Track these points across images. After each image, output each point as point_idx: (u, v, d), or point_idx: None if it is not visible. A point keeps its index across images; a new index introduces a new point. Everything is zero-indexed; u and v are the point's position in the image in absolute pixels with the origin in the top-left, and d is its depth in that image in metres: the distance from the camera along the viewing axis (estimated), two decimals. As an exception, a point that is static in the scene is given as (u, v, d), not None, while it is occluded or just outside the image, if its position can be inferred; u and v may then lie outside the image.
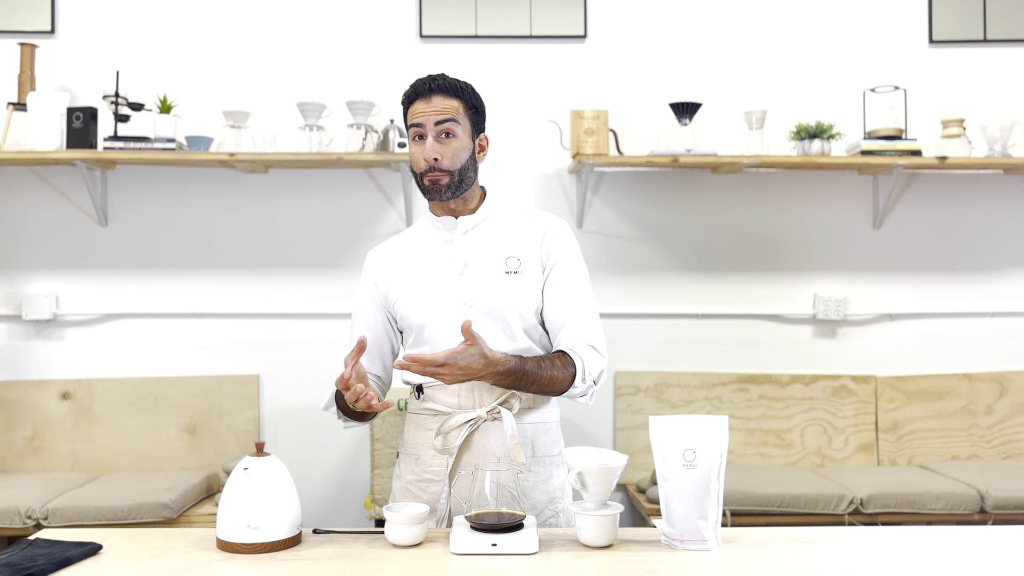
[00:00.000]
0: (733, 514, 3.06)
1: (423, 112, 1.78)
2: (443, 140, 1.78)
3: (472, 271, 1.80)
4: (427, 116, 1.78)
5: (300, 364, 3.54)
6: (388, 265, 1.89)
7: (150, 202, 3.54)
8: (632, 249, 3.61)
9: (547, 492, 1.82)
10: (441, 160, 1.76)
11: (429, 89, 1.79)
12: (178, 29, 3.55)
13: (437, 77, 1.82)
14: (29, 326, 3.51)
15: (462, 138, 1.79)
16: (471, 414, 1.77)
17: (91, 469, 3.45)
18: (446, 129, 1.77)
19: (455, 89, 1.80)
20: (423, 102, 1.79)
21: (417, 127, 1.79)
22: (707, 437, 1.57)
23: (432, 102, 1.78)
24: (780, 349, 3.62)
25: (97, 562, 1.49)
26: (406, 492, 1.84)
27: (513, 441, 1.73)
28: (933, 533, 1.67)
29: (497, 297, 1.78)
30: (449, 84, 1.81)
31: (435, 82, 1.80)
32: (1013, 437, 3.60)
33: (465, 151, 1.80)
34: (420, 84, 1.81)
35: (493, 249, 1.82)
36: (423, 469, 1.82)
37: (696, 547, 1.55)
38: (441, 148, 1.77)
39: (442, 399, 1.81)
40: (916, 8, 3.64)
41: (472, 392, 1.79)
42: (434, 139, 1.77)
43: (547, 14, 3.57)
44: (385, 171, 3.56)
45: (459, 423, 1.77)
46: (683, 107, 3.35)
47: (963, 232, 3.67)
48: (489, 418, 1.77)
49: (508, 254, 1.82)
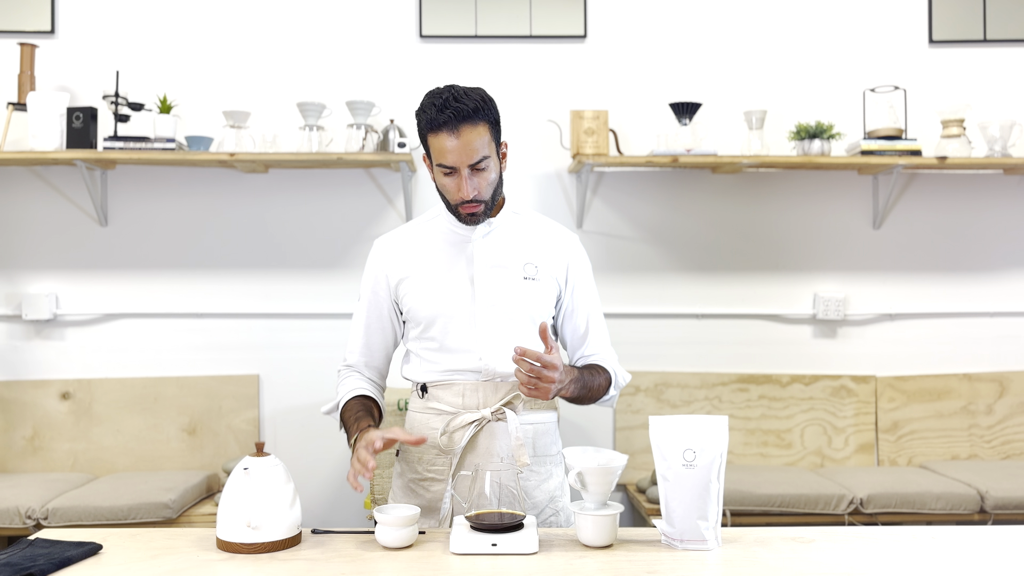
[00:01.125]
0: (733, 514, 3.06)
1: (454, 152, 1.68)
2: (478, 173, 1.72)
3: (491, 273, 1.81)
4: (461, 159, 1.68)
5: (300, 364, 3.54)
6: (398, 255, 1.86)
7: (150, 202, 3.54)
8: (632, 249, 3.61)
9: (548, 491, 1.84)
10: (479, 193, 1.74)
11: (456, 120, 1.67)
12: (178, 29, 3.55)
13: (455, 103, 1.67)
14: (29, 326, 3.51)
15: (493, 164, 1.75)
16: (476, 415, 1.77)
17: (91, 469, 3.45)
18: (480, 167, 1.72)
19: (478, 111, 1.68)
20: (450, 136, 1.67)
21: (449, 168, 1.71)
22: (707, 437, 1.57)
23: (461, 136, 1.67)
24: (780, 349, 3.62)
25: (97, 562, 1.49)
26: (407, 491, 1.84)
27: (518, 442, 1.73)
28: (933, 533, 1.67)
29: (515, 301, 1.80)
30: (471, 107, 1.67)
31: (459, 112, 1.66)
32: (1013, 437, 3.60)
33: (496, 174, 1.76)
34: (442, 116, 1.67)
35: (512, 254, 1.83)
36: (425, 468, 1.82)
37: (696, 547, 1.55)
38: (478, 182, 1.72)
39: (446, 399, 1.81)
40: (916, 8, 3.64)
41: (477, 393, 1.79)
42: (469, 175, 1.71)
43: (547, 14, 3.57)
44: (385, 171, 3.56)
45: (464, 423, 1.77)
46: (683, 107, 3.35)
47: (963, 232, 3.67)
48: (493, 419, 1.78)
49: (526, 260, 1.82)
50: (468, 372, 1.80)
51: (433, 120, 1.68)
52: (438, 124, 1.68)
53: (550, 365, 1.62)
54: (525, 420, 1.81)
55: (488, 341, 1.78)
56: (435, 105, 1.68)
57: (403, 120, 3.48)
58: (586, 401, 1.84)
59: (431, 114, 1.69)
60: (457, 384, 1.80)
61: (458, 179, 1.71)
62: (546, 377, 1.63)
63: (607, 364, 1.87)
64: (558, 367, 1.64)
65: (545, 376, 1.62)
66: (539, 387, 1.64)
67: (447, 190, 1.75)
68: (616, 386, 1.87)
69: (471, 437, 1.78)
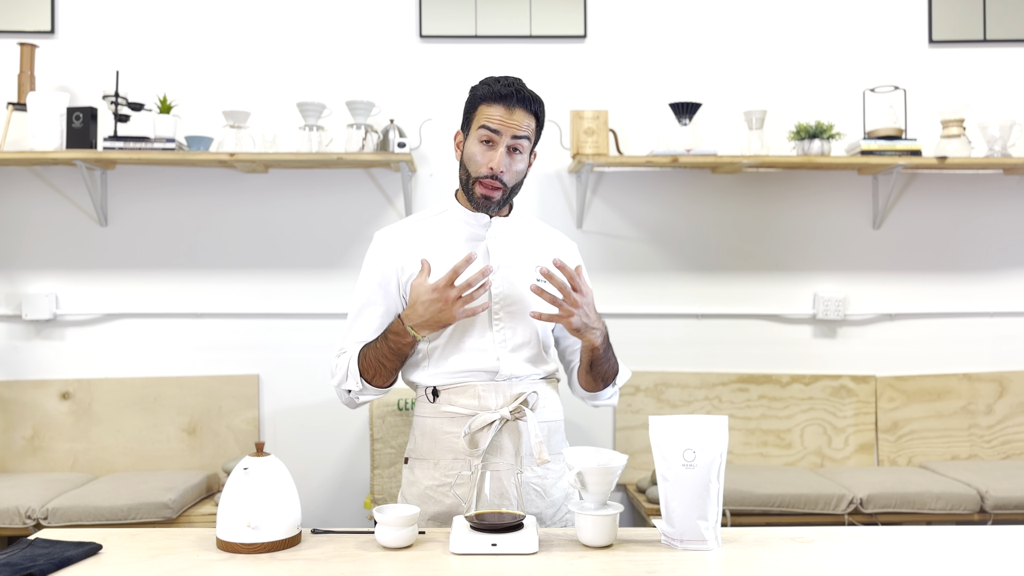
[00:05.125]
0: (733, 514, 3.06)
1: (503, 121, 1.74)
2: (512, 155, 1.76)
3: (507, 272, 1.82)
4: (507, 127, 1.74)
5: (300, 364, 3.54)
6: (407, 250, 1.84)
7: (150, 202, 3.54)
8: (632, 249, 3.61)
9: (563, 488, 1.86)
10: (505, 174, 1.76)
11: (516, 99, 1.74)
12: (178, 29, 3.55)
13: (521, 87, 1.76)
14: (29, 326, 3.51)
15: (526, 156, 1.79)
16: (495, 415, 1.76)
17: (91, 469, 3.45)
18: (518, 145, 1.75)
19: (536, 105, 1.77)
20: (504, 110, 1.74)
21: (492, 132, 1.74)
22: (707, 437, 1.57)
23: (515, 115, 1.74)
24: (780, 349, 3.62)
25: (97, 562, 1.49)
26: (425, 498, 1.81)
27: (537, 439, 1.73)
28: (933, 533, 1.67)
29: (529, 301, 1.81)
30: (531, 98, 1.76)
31: (520, 93, 1.75)
32: (1013, 437, 3.60)
33: (523, 169, 1.80)
34: (505, 90, 1.74)
35: (523, 256, 1.85)
36: (443, 473, 1.79)
37: (696, 547, 1.55)
38: (509, 162, 1.76)
39: (461, 402, 1.79)
40: (916, 8, 3.65)
41: (491, 394, 1.79)
42: (505, 151, 1.75)
43: (547, 14, 3.57)
44: (385, 171, 3.56)
45: (485, 423, 1.76)
46: (683, 107, 3.35)
47: (963, 232, 3.67)
48: (512, 418, 1.77)
49: (537, 264, 1.82)
50: (482, 373, 1.79)
51: (496, 92, 1.74)
52: (499, 96, 1.74)
53: (579, 290, 1.67)
54: (541, 418, 1.82)
55: (505, 341, 1.78)
56: (500, 82, 1.75)
57: (403, 120, 3.48)
58: (602, 371, 1.84)
59: (495, 87, 1.75)
60: (471, 386, 1.79)
61: (493, 150, 1.74)
62: (572, 300, 1.67)
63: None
64: (585, 294, 1.69)
65: (572, 298, 1.67)
66: (563, 308, 1.67)
67: (475, 161, 1.76)
68: (619, 379, 1.92)
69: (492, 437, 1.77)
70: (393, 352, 1.76)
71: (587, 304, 1.71)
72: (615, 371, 1.89)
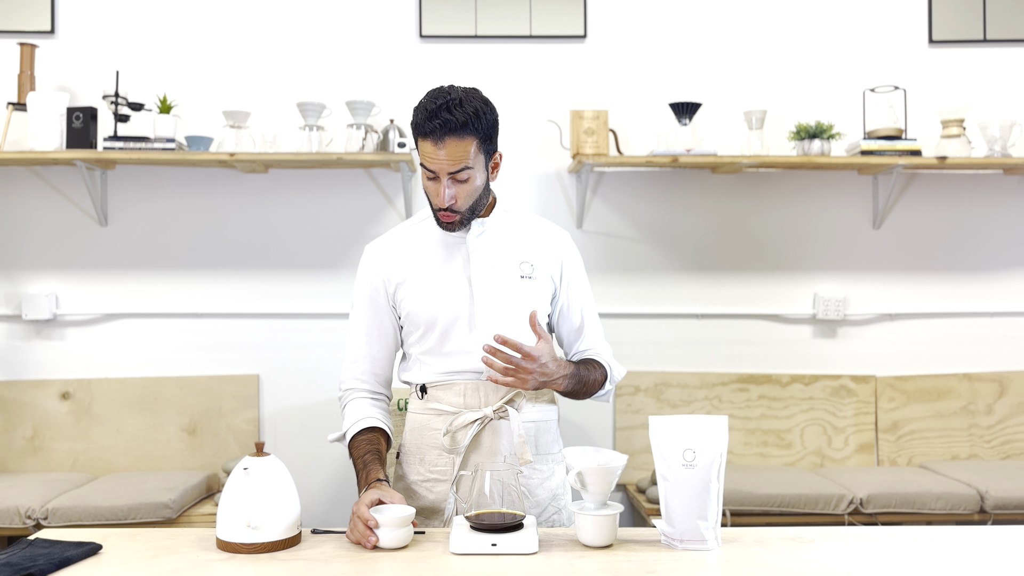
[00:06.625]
0: (733, 514, 3.06)
1: (434, 159, 1.68)
2: (458, 183, 1.72)
3: (488, 273, 1.81)
4: (439, 164, 1.68)
5: (300, 364, 3.54)
6: (393, 260, 1.86)
7: (150, 202, 3.54)
8: (632, 249, 3.60)
9: (550, 489, 1.85)
10: (456, 203, 1.73)
11: (441, 132, 1.65)
12: (178, 29, 3.55)
13: (446, 114, 1.65)
14: (29, 326, 3.51)
15: (476, 176, 1.73)
16: (478, 413, 1.77)
17: (91, 469, 3.44)
18: (460, 177, 1.71)
19: (467, 125, 1.66)
20: (433, 146, 1.67)
21: (428, 171, 1.71)
22: (707, 437, 1.57)
23: (445, 146, 1.66)
24: (780, 349, 3.62)
25: (97, 562, 1.49)
26: (410, 493, 1.84)
27: (520, 439, 1.73)
28: (933, 533, 1.67)
29: (513, 300, 1.80)
30: (460, 121, 1.65)
31: (446, 124, 1.64)
32: (1013, 437, 3.60)
33: (479, 186, 1.75)
34: (429, 125, 1.66)
35: (507, 253, 1.84)
36: (428, 469, 1.82)
37: (696, 547, 1.55)
38: (456, 190, 1.72)
39: (447, 399, 1.81)
40: (916, 8, 3.64)
41: (478, 392, 1.80)
42: (449, 183, 1.71)
43: (547, 14, 3.57)
44: (385, 171, 3.56)
45: (467, 422, 1.77)
46: (683, 107, 3.35)
47: (963, 232, 3.67)
48: (495, 417, 1.78)
49: (522, 259, 1.83)
50: (468, 372, 1.80)
51: (420, 126, 1.69)
52: (424, 132, 1.68)
53: (528, 356, 1.65)
54: (527, 418, 1.81)
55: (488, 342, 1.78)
56: (426, 110, 1.67)
57: (403, 120, 3.48)
58: (581, 396, 1.85)
59: (419, 119, 1.69)
60: (457, 384, 1.81)
61: (438, 183, 1.72)
62: (523, 368, 1.65)
63: (602, 358, 1.89)
64: (536, 358, 1.66)
65: (523, 367, 1.65)
66: (518, 377, 1.67)
67: (428, 192, 1.77)
68: (611, 380, 1.89)
69: (474, 436, 1.78)
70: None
71: (541, 363, 1.67)
72: (598, 386, 1.86)
